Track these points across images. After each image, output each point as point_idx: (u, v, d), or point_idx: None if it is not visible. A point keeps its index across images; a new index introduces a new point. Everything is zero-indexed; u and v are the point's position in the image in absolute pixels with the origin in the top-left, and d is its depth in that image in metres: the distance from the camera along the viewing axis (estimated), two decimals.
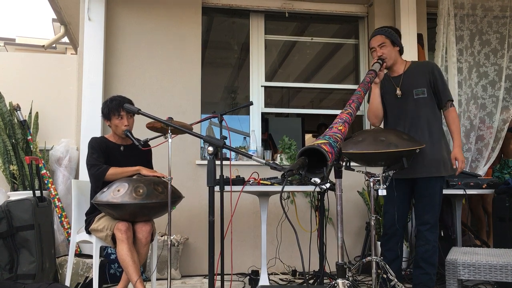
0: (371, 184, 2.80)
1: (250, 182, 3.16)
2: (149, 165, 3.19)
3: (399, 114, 2.99)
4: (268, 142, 5.60)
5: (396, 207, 2.97)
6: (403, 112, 2.97)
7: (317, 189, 3.14)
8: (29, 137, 3.96)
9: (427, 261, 2.85)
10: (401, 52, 3.03)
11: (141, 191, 2.69)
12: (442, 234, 3.95)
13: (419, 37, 4.62)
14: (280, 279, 3.89)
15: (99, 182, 2.89)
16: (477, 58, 4.52)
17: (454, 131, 2.94)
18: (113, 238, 2.76)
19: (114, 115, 2.96)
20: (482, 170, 4.36)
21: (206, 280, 3.84)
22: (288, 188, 3.31)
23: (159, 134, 2.99)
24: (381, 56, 2.91)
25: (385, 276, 2.69)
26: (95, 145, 2.98)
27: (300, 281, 3.82)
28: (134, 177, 2.81)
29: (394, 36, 2.98)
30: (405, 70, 3.01)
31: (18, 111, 3.98)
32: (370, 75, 2.64)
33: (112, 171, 2.89)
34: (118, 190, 2.68)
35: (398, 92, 2.97)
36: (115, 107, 2.95)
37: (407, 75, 2.99)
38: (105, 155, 2.97)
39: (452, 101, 2.97)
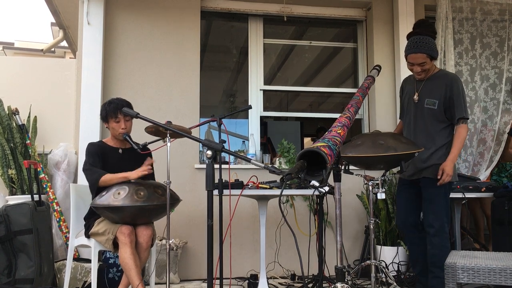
0: (370, 187, 2.80)
1: (249, 186, 3.16)
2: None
3: (411, 118, 3.06)
4: (267, 145, 5.59)
5: (403, 207, 3.09)
6: (413, 117, 3.03)
7: (316, 192, 3.13)
8: (28, 141, 3.96)
9: (436, 265, 2.87)
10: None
11: (142, 193, 2.70)
12: None
13: None
14: (279, 283, 3.88)
15: (94, 187, 2.87)
16: (479, 61, 4.54)
17: (454, 144, 2.91)
18: (114, 242, 2.76)
19: (112, 118, 2.96)
20: (483, 175, 4.35)
21: (205, 285, 3.82)
22: (287, 191, 3.31)
23: (158, 138, 2.99)
24: (418, 73, 2.91)
25: (384, 279, 2.70)
26: (92, 150, 2.97)
27: (299, 285, 3.81)
28: (132, 181, 2.81)
29: (433, 51, 2.88)
30: (429, 76, 2.99)
31: (17, 115, 3.98)
32: (368, 80, 2.66)
33: (105, 178, 2.83)
34: (119, 193, 2.69)
35: (416, 97, 3.00)
36: (113, 110, 2.95)
37: (428, 82, 2.99)
38: (102, 160, 2.97)
39: (466, 119, 2.92)
